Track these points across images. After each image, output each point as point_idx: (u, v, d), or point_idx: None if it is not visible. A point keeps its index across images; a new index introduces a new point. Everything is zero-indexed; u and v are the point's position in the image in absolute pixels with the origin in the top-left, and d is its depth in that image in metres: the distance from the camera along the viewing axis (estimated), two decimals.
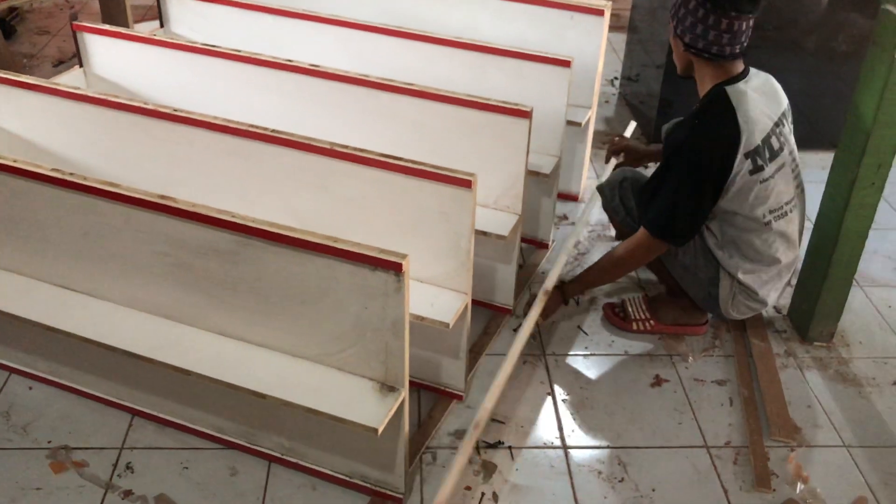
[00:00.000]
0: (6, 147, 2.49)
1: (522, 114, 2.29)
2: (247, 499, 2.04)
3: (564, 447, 2.23)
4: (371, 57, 2.83)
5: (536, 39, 2.95)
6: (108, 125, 2.33)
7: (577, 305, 2.73)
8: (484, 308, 2.67)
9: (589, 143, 3.25)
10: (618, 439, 2.26)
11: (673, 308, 2.62)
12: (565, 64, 2.60)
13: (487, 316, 2.66)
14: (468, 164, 2.09)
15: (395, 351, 1.80)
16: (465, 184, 1.96)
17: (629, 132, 3.26)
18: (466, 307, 2.16)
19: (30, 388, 2.33)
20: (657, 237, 2.33)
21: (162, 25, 3.21)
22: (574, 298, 2.70)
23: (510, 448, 2.20)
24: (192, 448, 2.17)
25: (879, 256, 3.08)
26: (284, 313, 1.87)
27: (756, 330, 2.65)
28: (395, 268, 1.67)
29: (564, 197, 3.32)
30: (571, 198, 3.35)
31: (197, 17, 3.13)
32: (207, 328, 2.01)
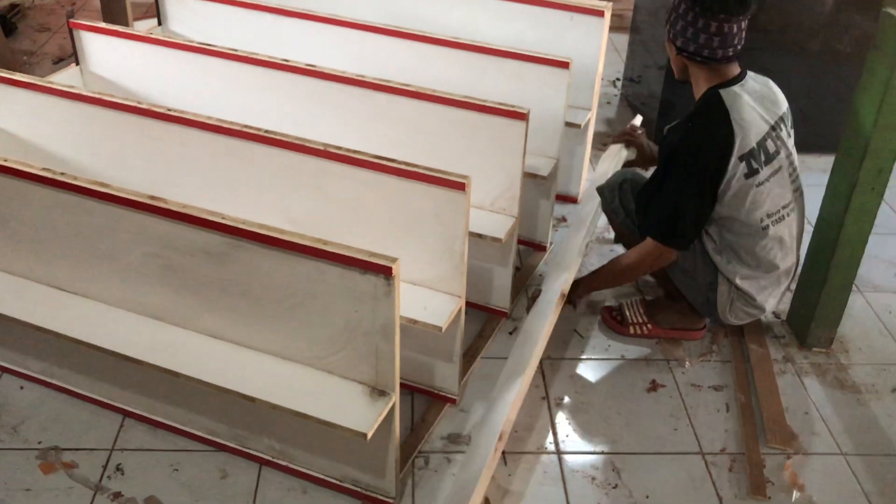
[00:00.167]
0: (0, 146, 2.48)
1: (519, 115, 2.27)
2: (237, 501, 2.02)
3: (558, 452, 2.21)
4: (370, 56, 2.82)
5: (536, 40, 2.93)
6: (102, 124, 2.32)
7: (573, 310, 2.71)
8: (479, 311, 2.65)
9: (589, 144, 3.23)
10: (612, 445, 2.24)
11: (671, 312, 2.60)
12: (564, 65, 2.58)
13: (483, 318, 2.64)
14: (465, 165, 2.07)
15: (386, 355, 1.79)
16: (459, 186, 1.95)
17: (637, 122, 3.20)
18: (460, 311, 2.14)
19: (21, 388, 2.32)
20: (662, 242, 2.32)
21: (160, 23, 3.20)
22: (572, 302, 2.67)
23: (504, 453, 2.18)
24: (182, 450, 2.15)
25: (880, 261, 3.05)
26: (274, 316, 1.86)
27: (754, 335, 2.63)
28: (385, 271, 1.65)
29: (563, 199, 3.30)
30: (571, 200, 3.33)
31: (195, 15, 3.12)
32: (198, 330, 1.99)
